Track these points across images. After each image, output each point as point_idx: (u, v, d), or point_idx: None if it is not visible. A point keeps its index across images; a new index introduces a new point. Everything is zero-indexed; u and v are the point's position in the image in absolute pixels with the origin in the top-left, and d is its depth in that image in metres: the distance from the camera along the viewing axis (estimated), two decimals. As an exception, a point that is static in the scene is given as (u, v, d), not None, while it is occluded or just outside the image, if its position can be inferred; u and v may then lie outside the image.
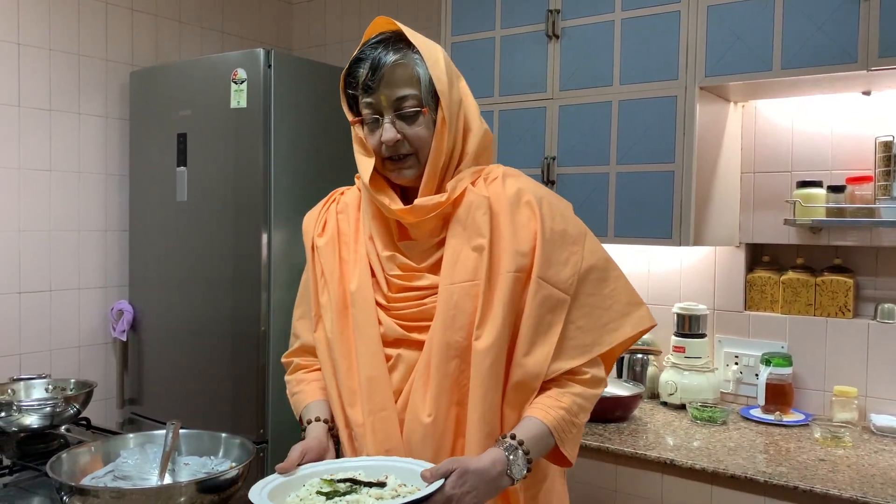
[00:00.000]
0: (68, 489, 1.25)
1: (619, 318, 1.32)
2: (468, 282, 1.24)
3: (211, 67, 2.60)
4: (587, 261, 1.31)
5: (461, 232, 1.27)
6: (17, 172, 2.65)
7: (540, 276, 1.25)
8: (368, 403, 1.27)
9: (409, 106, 1.27)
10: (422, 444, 1.24)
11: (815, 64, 2.00)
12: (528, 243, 1.26)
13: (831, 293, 2.30)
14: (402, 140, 1.27)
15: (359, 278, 1.32)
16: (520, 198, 1.29)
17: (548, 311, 1.26)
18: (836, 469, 1.85)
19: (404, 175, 1.30)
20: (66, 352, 2.80)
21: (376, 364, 1.28)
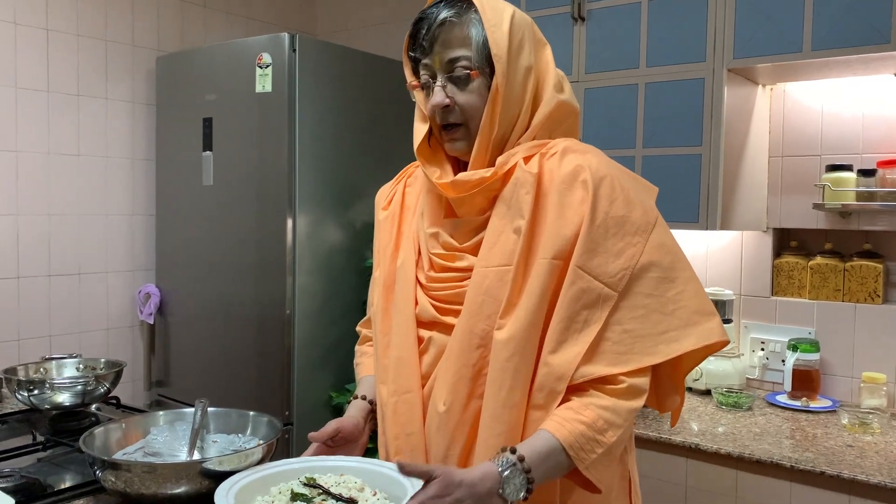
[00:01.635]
0: (101, 463, 1.27)
1: (681, 328, 1.12)
2: (503, 266, 1.14)
3: (236, 52, 2.61)
4: (648, 255, 1.13)
5: (505, 212, 1.17)
6: (47, 157, 2.68)
7: (578, 265, 1.11)
8: (394, 384, 1.24)
9: (459, 68, 1.18)
10: (437, 435, 1.18)
11: (846, 45, 1.97)
12: (572, 227, 1.12)
13: (860, 279, 2.27)
14: (453, 107, 1.19)
15: (404, 255, 1.27)
16: (576, 176, 1.15)
17: (584, 307, 1.11)
18: (863, 455, 1.84)
19: (455, 147, 1.22)
20: (95, 334, 2.85)
21: (406, 344, 1.23)
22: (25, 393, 1.78)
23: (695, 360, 1.17)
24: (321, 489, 1.20)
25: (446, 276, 1.22)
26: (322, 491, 1.19)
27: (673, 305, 1.12)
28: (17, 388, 1.79)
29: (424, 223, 1.27)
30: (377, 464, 1.28)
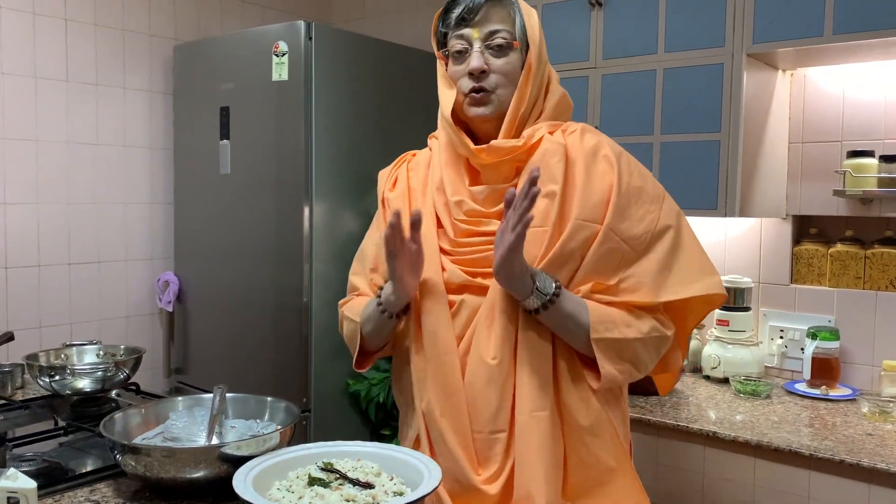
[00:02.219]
0: (121, 448, 1.29)
1: (689, 281, 1.28)
2: (537, 227, 1.25)
3: (252, 41, 2.61)
4: (664, 221, 1.29)
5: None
6: (66, 146, 2.70)
7: (611, 228, 1.25)
8: (432, 348, 1.28)
9: (500, 38, 1.31)
10: (485, 387, 1.24)
11: (869, 28, 1.93)
12: (602, 194, 1.27)
13: (882, 266, 2.25)
14: (488, 72, 1.31)
15: (424, 227, 1.30)
16: (597, 151, 1.31)
17: (609, 263, 1.26)
18: (883, 443, 1.82)
19: (480, 112, 1.32)
20: (115, 322, 2.88)
21: (439, 308, 1.29)
22: (47, 379, 1.81)
23: (698, 316, 1.34)
24: (338, 474, 1.21)
25: (473, 240, 1.31)
26: (339, 476, 1.20)
27: (682, 263, 1.29)
28: (39, 374, 1.82)
29: (447, 192, 1.34)
30: (394, 449, 1.29)
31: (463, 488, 1.24)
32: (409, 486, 1.19)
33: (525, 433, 1.22)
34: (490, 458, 1.24)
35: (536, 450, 1.21)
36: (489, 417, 1.24)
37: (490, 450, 1.24)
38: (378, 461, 1.27)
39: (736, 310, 2.40)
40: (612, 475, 1.29)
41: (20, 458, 1.41)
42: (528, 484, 1.21)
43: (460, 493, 1.24)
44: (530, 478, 1.21)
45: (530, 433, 1.22)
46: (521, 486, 1.22)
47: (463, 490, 1.24)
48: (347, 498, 1.13)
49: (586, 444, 1.27)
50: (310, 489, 1.16)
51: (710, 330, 2.47)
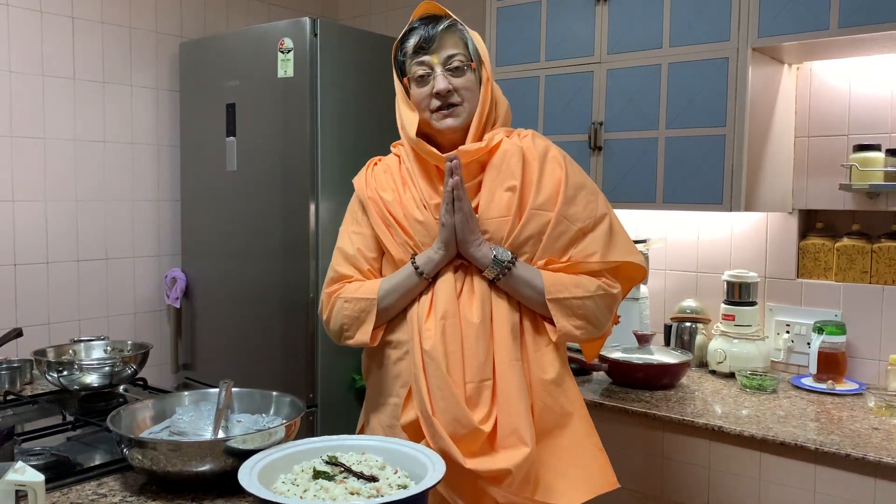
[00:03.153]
0: (128, 441, 1.30)
1: (622, 253, 1.56)
2: (501, 217, 1.51)
3: (258, 37, 2.62)
4: (601, 209, 1.57)
5: (496, 176, 1.53)
6: (73, 144, 2.72)
7: (561, 213, 1.51)
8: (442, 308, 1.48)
9: (457, 61, 1.53)
10: (475, 344, 1.46)
11: (874, 21, 1.93)
12: (553, 188, 1.53)
13: (888, 260, 2.24)
14: (453, 91, 1.53)
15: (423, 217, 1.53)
16: (547, 152, 1.57)
17: (561, 243, 1.52)
18: (890, 438, 1.82)
19: (452, 122, 1.54)
20: (123, 318, 2.89)
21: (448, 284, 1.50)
22: (55, 374, 1.82)
23: (624, 291, 1.62)
24: (343, 467, 1.21)
25: None
26: (344, 469, 1.21)
27: (619, 239, 1.57)
28: (47, 369, 1.83)
29: (424, 198, 1.55)
30: (398, 443, 1.30)
31: (464, 428, 1.42)
32: (413, 479, 1.20)
33: (506, 379, 1.46)
34: (480, 403, 1.45)
35: (516, 392, 1.45)
36: (478, 368, 1.46)
37: (479, 396, 1.45)
38: (382, 455, 1.27)
39: (742, 304, 2.40)
40: (569, 418, 1.53)
41: (28, 453, 1.43)
42: (513, 422, 1.44)
43: (463, 435, 1.42)
44: (514, 416, 1.44)
45: (510, 379, 1.46)
46: (507, 424, 1.44)
47: (465, 430, 1.42)
48: (352, 491, 1.14)
49: (550, 392, 1.51)
50: (314, 482, 1.17)
51: (717, 325, 2.46)
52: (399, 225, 1.56)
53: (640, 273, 1.62)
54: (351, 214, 1.67)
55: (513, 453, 1.42)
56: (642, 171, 2.31)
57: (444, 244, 1.49)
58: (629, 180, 2.34)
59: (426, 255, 1.52)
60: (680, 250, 2.63)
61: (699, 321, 2.53)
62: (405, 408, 1.51)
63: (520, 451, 1.42)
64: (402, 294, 1.53)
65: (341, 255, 1.63)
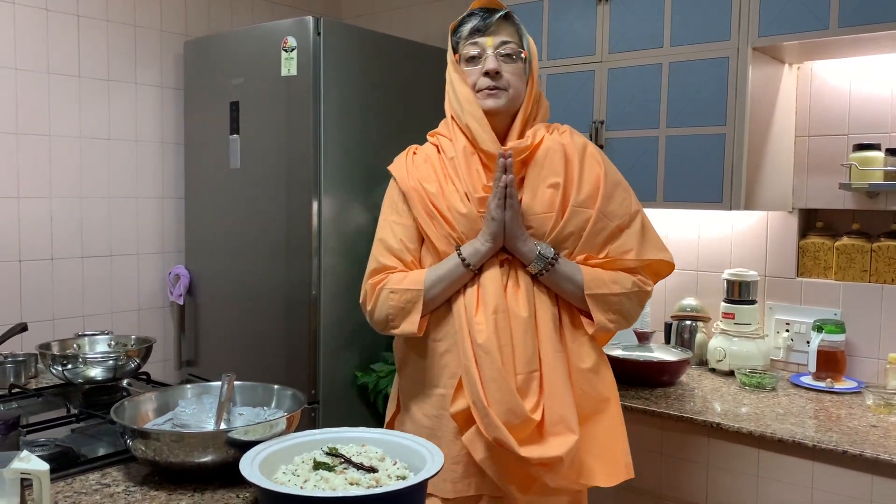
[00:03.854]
0: (132, 432, 1.32)
1: (654, 250, 1.64)
2: (545, 213, 1.57)
3: (262, 36, 2.64)
4: (635, 205, 1.65)
5: (539, 172, 1.59)
6: (78, 141, 2.74)
7: (601, 211, 1.58)
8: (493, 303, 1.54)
9: (510, 48, 1.61)
10: (523, 336, 1.53)
11: (874, 21, 1.94)
12: (593, 185, 1.60)
13: (888, 259, 2.25)
14: (501, 73, 1.59)
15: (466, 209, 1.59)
16: (584, 148, 1.64)
17: (600, 239, 1.59)
18: (887, 435, 1.83)
19: (493, 102, 1.59)
20: (127, 314, 2.91)
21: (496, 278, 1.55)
22: (59, 367, 1.84)
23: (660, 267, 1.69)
24: (343, 458, 1.23)
25: None
26: (344, 460, 1.23)
27: (650, 237, 1.66)
28: (52, 362, 1.85)
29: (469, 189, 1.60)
30: (398, 435, 1.31)
31: (518, 418, 1.48)
32: (412, 470, 1.21)
33: (551, 369, 1.54)
34: (529, 393, 1.52)
35: (561, 382, 1.53)
36: (527, 360, 1.53)
37: (529, 386, 1.52)
38: (382, 447, 1.29)
39: (742, 303, 2.41)
40: (607, 403, 1.61)
41: (33, 444, 1.45)
42: (560, 410, 1.51)
43: (516, 424, 1.48)
44: (561, 405, 1.52)
45: (555, 369, 1.54)
46: (555, 412, 1.51)
47: (518, 420, 1.48)
48: (351, 481, 1.16)
49: (588, 380, 1.58)
50: (315, 473, 1.19)
51: (716, 323, 2.48)
52: (443, 217, 1.60)
53: (668, 269, 1.70)
54: (391, 204, 1.70)
55: (562, 440, 1.50)
56: (643, 170, 2.33)
57: (493, 237, 1.54)
58: (630, 179, 2.30)
59: (472, 247, 1.56)
60: (680, 249, 2.64)
61: (699, 319, 2.54)
62: (455, 398, 1.55)
63: (568, 438, 1.50)
64: (449, 285, 1.57)
65: (383, 246, 1.66)
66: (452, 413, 1.55)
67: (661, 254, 1.65)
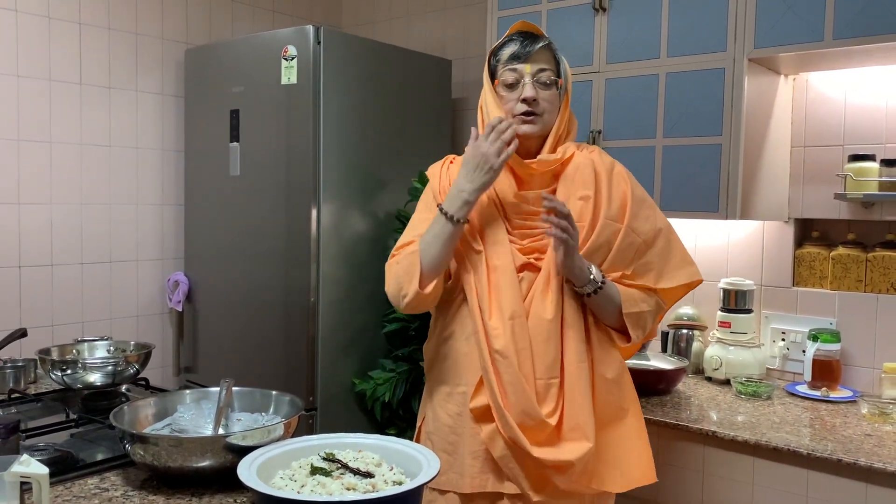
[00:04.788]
0: (131, 437, 1.33)
1: (677, 268, 1.71)
2: (577, 224, 1.59)
3: (262, 44, 2.66)
4: (660, 222, 1.71)
5: (569, 185, 1.66)
6: (79, 148, 2.76)
7: (629, 226, 1.65)
8: (509, 309, 1.58)
9: (547, 76, 1.67)
10: (545, 342, 1.57)
11: (869, 34, 1.96)
12: (621, 201, 1.67)
13: (883, 269, 2.27)
14: (538, 101, 1.65)
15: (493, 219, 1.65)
16: (613, 167, 1.72)
17: (628, 253, 1.66)
18: (882, 444, 1.84)
19: (531, 128, 1.66)
20: (126, 320, 2.92)
21: (512, 285, 1.60)
22: (59, 373, 1.85)
23: (678, 296, 1.77)
24: (340, 464, 1.24)
25: (527, 232, 1.66)
26: (341, 465, 1.24)
27: (675, 253, 1.72)
28: (51, 368, 1.86)
29: (501, 197, 1.67)
30: (395, 441, 1.32)
31: (532, 420, 1.54)
32: (409, 476, 1.22)
33: (573, 378, 1.58)
34: (548, 399, 1.57)
35: (582, 391, 1.57)
36: (548, 366, 1.57)
37: (547, 392, 1.57)
38: (379, 452, 1.30)
39: (738, 312, 2.42)
40: (625, 413, 1.67)
41: (32, 449, 1.45)
42: (577, 418, 1.56)
43: (530, 426, 1.54)
44: (579, 413, 1.57)
45: (577, 378, 1.58)
46: (572, 418, 1.56)
47: (532, 422, 1.54)
48: (348, 486, 1.17)
49: (611, 390, 1.64)
50: (312, 478, 1.20)
51: (713, 332, 2.49)
52: (468, 220, 1.63)
53: (696, 284, 1.75)
54: (424, 203, 1.78)
55: (576, 446, 1.55)
56: (640, 179, 2.29)
57: (483, 187, 1.58)
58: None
59: (459, 199, 1.59)
60: (677, 258, 2.66)
61: (696, 328, 2.56)
62: (476, 394, 1.61)
63: (582, 445, 1.55)
64: (442, 243, 1.60)
65: (408, 230, 1.74)
66: (471, 407, 1.61)
67: (681, 279, 1.70)
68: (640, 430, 1.70)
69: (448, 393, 1.68)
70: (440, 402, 1.70)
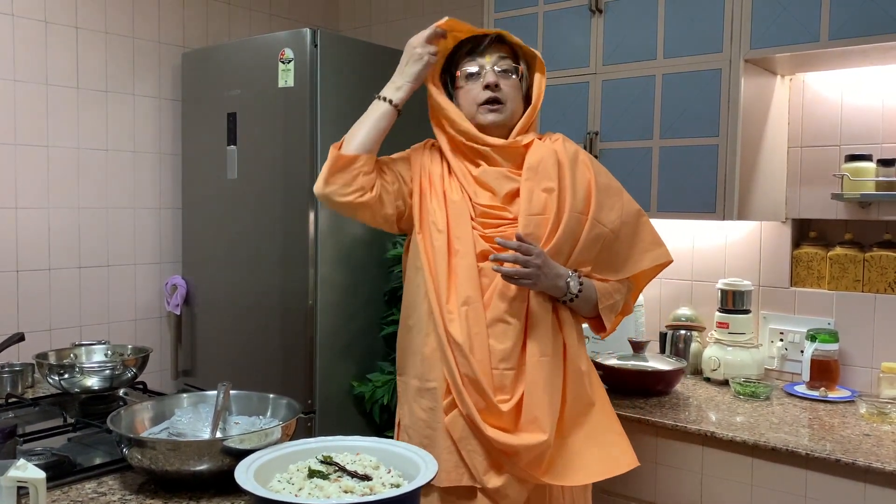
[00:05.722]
0: (128, 441, 1.32)
1: (644, 252, 1.75)
2: (540, 215, 1.63)
3: (259, 48, 2.66)
4: (626, 209, 1.72)
5: (534, 176, 1.66)
6: (76, 152, 2.76)
7: (595, 217, 1.66)
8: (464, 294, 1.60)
9: (508, 63, 1.70)
10: (502, 335, 1.60)
11: (865, 34, 1.96)
12: (585, 191, 1.67)
13: (880, 269, 2.27)
14: (500, 87, 1.68)
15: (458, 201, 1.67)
16: (577, 156, 1.72)
17: (596, 244, 1.67)
18: (880, 444, 1.84)
19: (495, 117, 1.68)
20: (124, 324, 2.92)
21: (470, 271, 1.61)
22: (56, 377, 1.85)
23: (649, 277, 1.82)
24: (337, 466, 1.24)
25: (494, 221, 1.66)
26: (338, 468, 1.24)
27: (643, 236, 1.75)
28: (49, 372, 1.86)
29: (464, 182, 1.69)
30: (392, 444, 1.32)
31: (485, 403, 1.58)
32: (406, 478, 1.22)
33: (533, 372, 1.60)
34: (504, 387, 1.60)
35: (542, 385, 1.59)
36: (504, 357, 1.60)
37: (503, 381, 1.60)
38: (376, 455, 1.30)
39: (736, 312, 2.43)
40: (592, 407, 1.70)
41: (30, 453, 1.45)
42: (534, 410, 1.58)
43: (483, 408, 1.58)
44: (536, 405, 1.58)
45: (537, 372, 1.59)
46: (529, 411, 1.58)
47: (485, 405, 1.58)
48: (346, 489, 1.17)
49: (583, 383, 1.68)
50: (309, 481, 1.20)
51: (711, 332, 2.49)
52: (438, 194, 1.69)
53: (665, 266, 1.80)
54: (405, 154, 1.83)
55: (529, 437, 1.58)
56: (637, 180, 2.35)
57: (416, 78, 1.67)
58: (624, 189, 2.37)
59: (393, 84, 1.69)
60: (675, 258, 2.64)
61: (694, 329, 2.56)
62: (447, 393, 1.63)
63: (536, 436, 1.57)
64: (371, 119, 1.68)
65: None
66: (445, 405, 1.63)
67: (638, 265, 1.75)
68: (609, 420, 1.73)
69: (419, 388, 1.70)
70: (414, 397, 1.72)
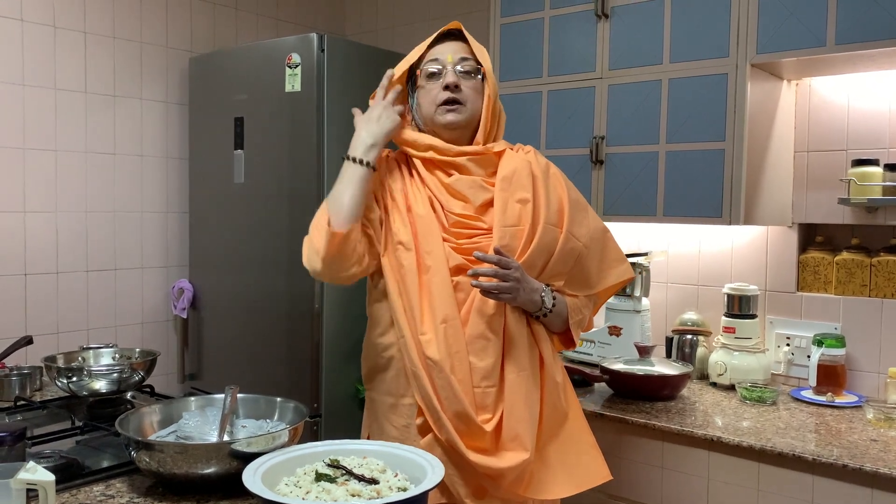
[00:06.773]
0: (136, 444, 1.33)
1: (609, 269, 1.75)
2: (515, 226, 1.61)
3: (266, 52, 2.67)
4: (593, 224, 1.73)
5: (507, 187, 1.63)
6: (84, 156, 2.77)
7: (569, 231, 1.66)
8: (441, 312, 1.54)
9: (470, 65, 1.68)
10: (482, 352, 1.55)
11: (872, 39, 1.96)
12: (558, 204, 1.67)
13: (887, 273, 2.26)
14: (461, 87, 1.65)
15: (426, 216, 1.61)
16: (548, 169, 1.72)
17: (570, 257, 1.67)
18: (887, 449, 1.83)
19: (454, 116, 1.66)
20: (131, 328, 2.93)
21: (444, 287, 1.56)
22: (64, 380, 1.86)
23: (611, 292, 1.83)
24: (344, 470, 1.24)
25: (468, 231, 1.62)
26: (345, 472, 1.24)
27: (606, 253, 1.75)
28: (57, 375, 1.87)
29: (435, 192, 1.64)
30: (399, 447, 1.33)
31: (466, 426, 1.52)
32: (413, 482, 1.23)
33: (513, 387, 1.56)
34: (486, 406, 1.55)
35: (523, 400, 1.56)
36: (485, 375, 1.55)
37: (485, 399, 1.55)
38: (383, 458, 1.30)
39: (742, 317, 2.42)
40: (566, 418, 1.69)
41: (38, 456, 1.46)
42: (516, 427, 1.55)
43: (465, 431, 1.52)
44: (518, 422, 1.55)
45: (517, 387, 1.56)
46: (511, 428, 1.54)
47: (466, 427, 1.52)
48: (353, 493, 1.17)
49: (559, 395, 1.66)
50: (316, 484, 1.20)
51: (717, 337, 2.49)
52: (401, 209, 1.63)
53: (627, 281, 1.82)
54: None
55: (512, 456, 1.53)
56: (643, 185, 2.35)
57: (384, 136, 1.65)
58: (630, 194, 2.38)
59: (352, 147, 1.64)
60: (681, 263, 2.66)
61: (700, 333, 2.55)
62: (420, 412, 1.58)
63: (519, 455, 1.53)
64: (353, 186, 1.58)
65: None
66: (418, 424, 1.58)
67: (604, 282, 1.75)
68: (582, 432, 1.71)
69: (392, 405, 1.64)
70: (384, 414, 1.66)
